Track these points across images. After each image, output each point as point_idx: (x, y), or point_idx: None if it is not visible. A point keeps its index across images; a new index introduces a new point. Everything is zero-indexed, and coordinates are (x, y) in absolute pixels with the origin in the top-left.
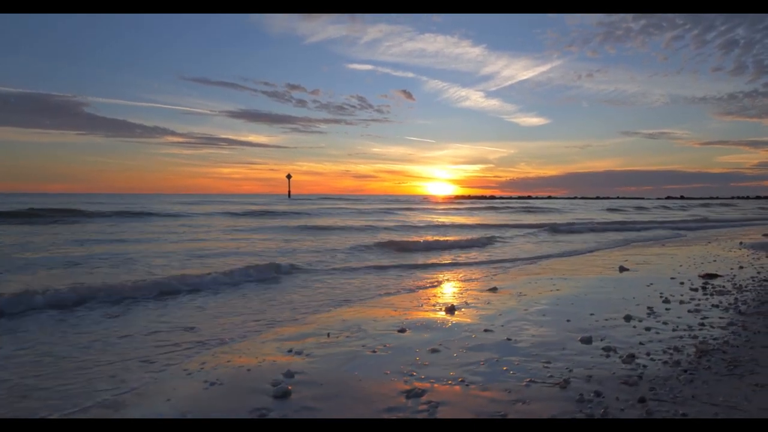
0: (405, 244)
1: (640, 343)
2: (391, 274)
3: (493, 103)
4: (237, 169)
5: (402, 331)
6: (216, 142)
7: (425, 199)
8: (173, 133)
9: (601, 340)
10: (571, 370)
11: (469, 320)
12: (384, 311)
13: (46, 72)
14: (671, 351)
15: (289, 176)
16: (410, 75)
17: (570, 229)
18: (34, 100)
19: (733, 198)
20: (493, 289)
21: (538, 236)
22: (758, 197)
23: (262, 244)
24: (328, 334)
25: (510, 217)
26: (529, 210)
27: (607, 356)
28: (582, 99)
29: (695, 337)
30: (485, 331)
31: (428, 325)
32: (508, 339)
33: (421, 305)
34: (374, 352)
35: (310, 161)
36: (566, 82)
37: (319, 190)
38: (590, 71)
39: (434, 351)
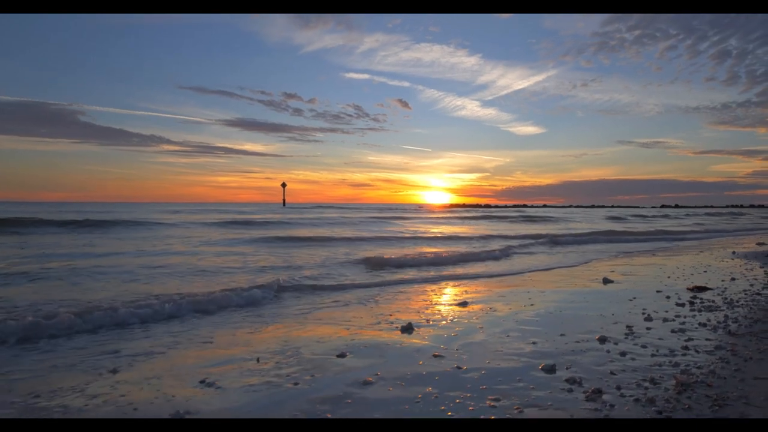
0: (384, 258)
1: (612, 373)
2: (359, 288)
3: (489, 112)
4: (233, 177)
5: (342, 355)
6: (212, 150)
7: (420, 207)
8: (169, 142)
9: (567, 368)
10: (521, 411)
11: (422, 342)
12: (333, 330)
13: (41, 80)
14: (647, 384)
15: (283, 185)
16: (406, 84)
17: (570, 240)
18: (30, 108)
19: (727, 206)
20: (463, 304)
21: (534, 247)
22: (752, 206)
23: (226, 258)
24: (258, 359)
25: (506, 227)
26: (528, 219)
27: (570, 391)
28: (577, 108)
29: (676, 364)
30: (435, 356)
31: (375, 348)
32: (458, 367)
33: (378, 323)
34: (296, 384)
35: (307, 170)
36: (561, 91)
37: (315, 199)
38: (585, 81)
39: (366, 383)
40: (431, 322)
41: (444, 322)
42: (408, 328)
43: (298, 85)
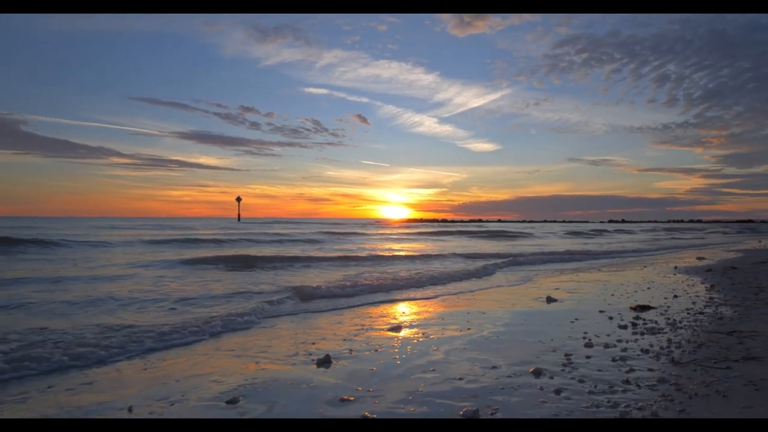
0: (323, 281)
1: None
2: (289, 315)
3: (446, 128)
4: (187, 191)
5: (233, 401)
6: (165, 163)
7: (378, 222)
8: (119, 154)
9: (492, 413)
10: None
11: (335, 380)
12: (240, 365)
13: None
14: None
15: (238, 199)
16: (365, 100)
17: (534, 260)
18: None
19: (669, 222)
20: (396, 329)
21: (493, 267)
22: (691, 221)
23: (135, 286)
24: (130, 408)
25: (461, 243)
26: (490, 235)
27: None
28: (530, 126)
29: (615, 404)
30: (342, 400)
31: (277, 389)
32: (364, 417)
33: (296, 354)
34: None
35: (264, 184)
36: (515, 110)
37: (272, 214)
38: (537, 100)
39: None
40: (354, 353)
41: (368, 352)
42: (325, 361)
43: (256, 99)
